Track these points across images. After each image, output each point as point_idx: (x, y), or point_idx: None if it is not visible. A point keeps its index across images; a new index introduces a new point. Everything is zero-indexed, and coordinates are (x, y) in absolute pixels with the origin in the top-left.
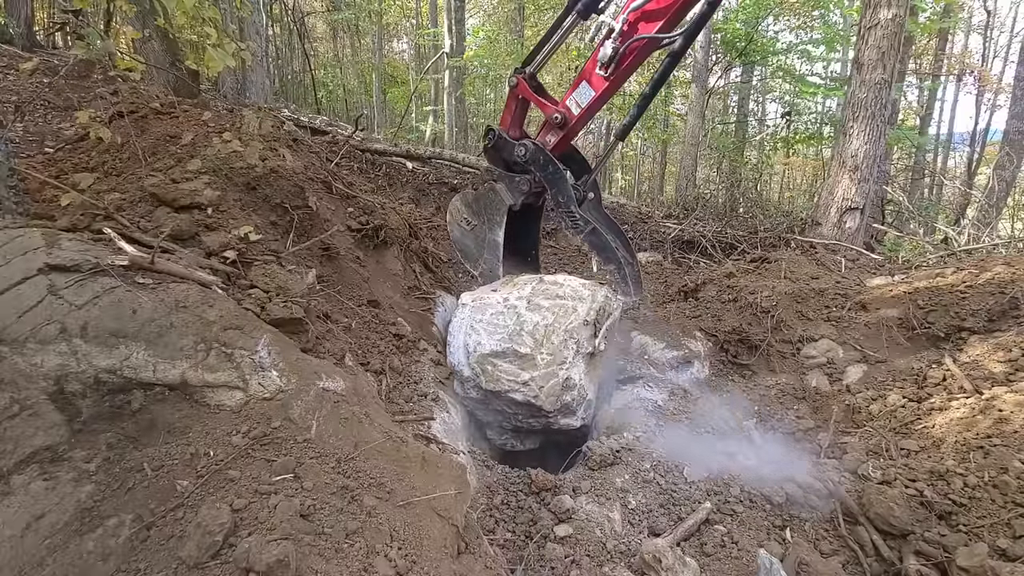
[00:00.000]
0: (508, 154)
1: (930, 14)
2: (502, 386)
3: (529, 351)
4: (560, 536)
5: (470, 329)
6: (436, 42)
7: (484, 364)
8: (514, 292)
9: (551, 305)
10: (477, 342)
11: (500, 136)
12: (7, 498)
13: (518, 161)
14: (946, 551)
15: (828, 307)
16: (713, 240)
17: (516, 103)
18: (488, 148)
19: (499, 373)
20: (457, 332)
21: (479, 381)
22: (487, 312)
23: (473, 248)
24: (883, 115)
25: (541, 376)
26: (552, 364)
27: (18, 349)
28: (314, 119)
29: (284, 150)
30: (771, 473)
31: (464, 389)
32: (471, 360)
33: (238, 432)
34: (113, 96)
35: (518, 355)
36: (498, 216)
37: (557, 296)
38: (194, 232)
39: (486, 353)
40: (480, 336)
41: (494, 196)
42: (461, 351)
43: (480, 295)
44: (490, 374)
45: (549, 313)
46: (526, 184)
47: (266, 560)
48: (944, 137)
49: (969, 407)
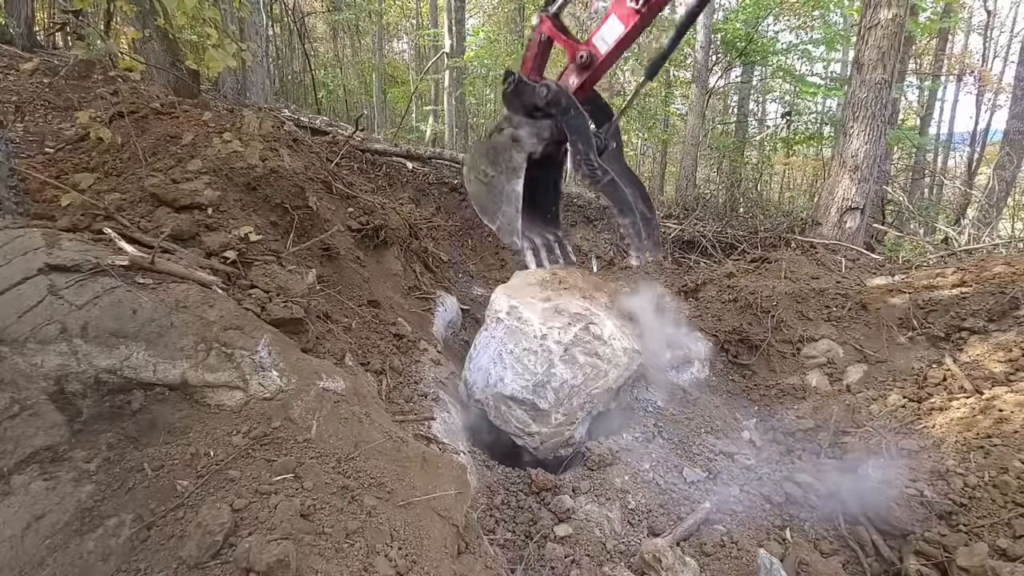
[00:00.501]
0: (528, 98)
1: (930, 14)
2: (508, 427)
3: (547, 407)
4: (560, 536)
5: (497, 357)
6: (436, 42)
7: (499, 403)
8: (555, 325)
9: (585, 363)
10: (500, 378)
11: (520, 79)
12: (7, 498)
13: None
14: (946, 551)
15: (828, 307)
16: (713, 240)
17: (538, 45)
18: (507, 93)
19: (510, 416)
20: (484, 350)
21: (487, 410)
22: (520, 343)
23: (490, 201)
24: (883, 115)
25: (549, 433)
26: (563, 424)
27: (18, 349)
28: (314, 119)
29: (284, 150)
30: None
31: (467, 397)
32: (487, 392)
33: (238, 432)
34: (113, 96)
35: (536, 408)
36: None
37: (595, 354)
38: (194, 232)
39: (505, 395)
40: (505, 372)
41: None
42: (481, 375)
43: (519, 303)
44: (502, 413)
45: (580, 372)
46: (547, 130)
47: (266, 560)
48: (944, 137)
49: (969, 407)
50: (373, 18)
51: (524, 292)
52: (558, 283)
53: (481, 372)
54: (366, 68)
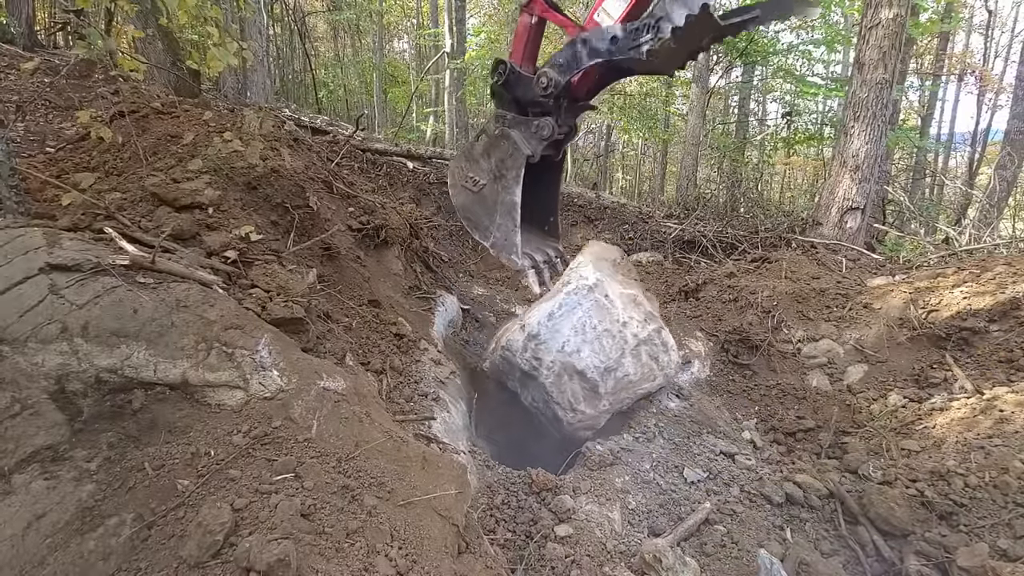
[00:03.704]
0: (523, 92)
1: (931, 14)
2: (558, 398)
3: (603, 393)
4: (560, 536)
5: (580, 328)
6: (437, 42)
7: (564, 371)
8: (635, 317)
9: (646, 363)
10: (576, 348)
11: (512, 71)
12: (8, 497)
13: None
14: (947, 551)
15: (829, 307)
16: (714, 240)
17: (529, 29)
18: (497, 87)
19: (567, 387)
20: (568, 314)
21: (542, 373)
22: (603, 322)
23: (482, 214)
24: (884, 115)
25: (590, 416)
26: (604, 412)
27: (19, 348)
28: (315, 119)
29: (285, 150)
30: None
31: (513, 352)
32: (557, 356)
33: (239, 431)
34: (114, 96)
35: (594, 391)
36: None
37: (656, 359)
38: (195, 232)
39: (576, 367)
40: (584, 346)
41: (507, 146)
42: (557, 338)
43: (603, 279)
44: (560, 382)
45: (639, 370)
46: (547, 128)
47: (267, 559)
48: (945, 137)
49: (970, 407)
50: (374, 18)
51: (604, 267)
52: (626, 271)
53: (558, 335)
54: (367, 68)
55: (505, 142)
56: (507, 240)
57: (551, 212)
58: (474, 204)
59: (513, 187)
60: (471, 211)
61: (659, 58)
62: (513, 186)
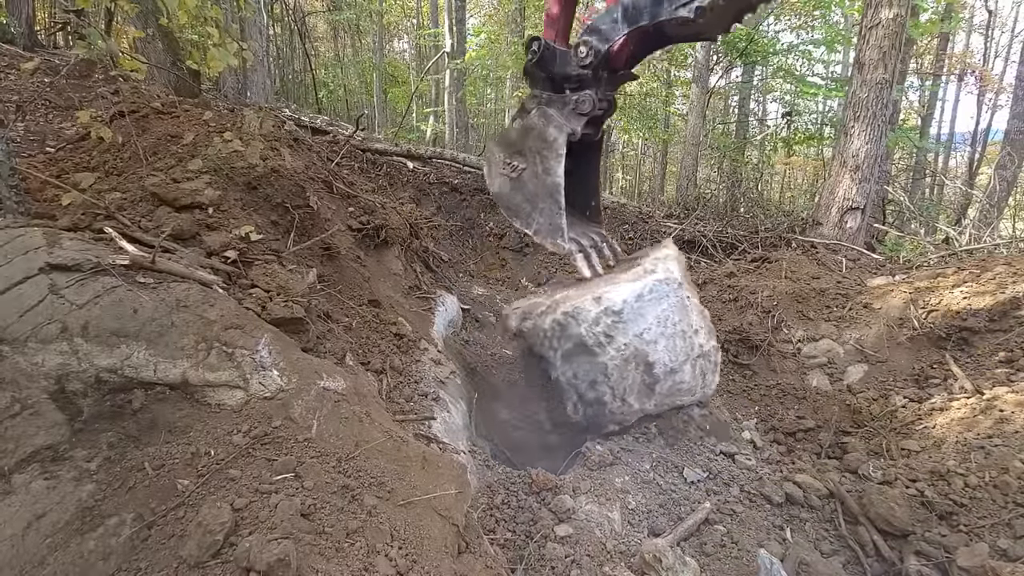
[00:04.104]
0: (561, 67)
1: (931, 14)
2: (615, 383)
3: (656, 393)
4: (560, 536)
5: (664, 320)
6: (437, 42)
7: (632, 359)
8: (703, 327)
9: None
10: (653, 340)
11: (547, 47)
12: (8, 497)
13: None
14: (947, 551)
15: (829, 307)
16: (714, 240)
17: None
18: (531, 66)
19: (628, 376)
20: (655, 302)
21: (607, 353)
22: (683, 320)
23: (522, 200)
24: (884, 115)
25: (633, 411)
26: (644, 412)
27: (19, 348)
28: (315, 119)
29: (285, 150)
30: None
31: (579, 321)
32: (630, 339)
33: (239, 431)
34: (114, 96)
35: (650, 389)
36: (554, 151)
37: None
38: (195, 232)
39: (648, 358)
40: (660, 339)
41: (546, 125)
42: (637, 321)
43: (684, 280)
44: (623, 369)
45: (690, 381)
46: (587, 102)
47: (267, 559)
48: (945, 137)
49: (970, 407)
50: (374, 18)
51: (682, 268)
52: (691, 280)
53: (641, 320)
54: (367, 68)
55: (543, 121)
56: (551, 224)
57: (592, 196)
58: (513, 190)
59: (555, 168)
60: (511, 198)
61: (708, 18)
62: (555, 167)
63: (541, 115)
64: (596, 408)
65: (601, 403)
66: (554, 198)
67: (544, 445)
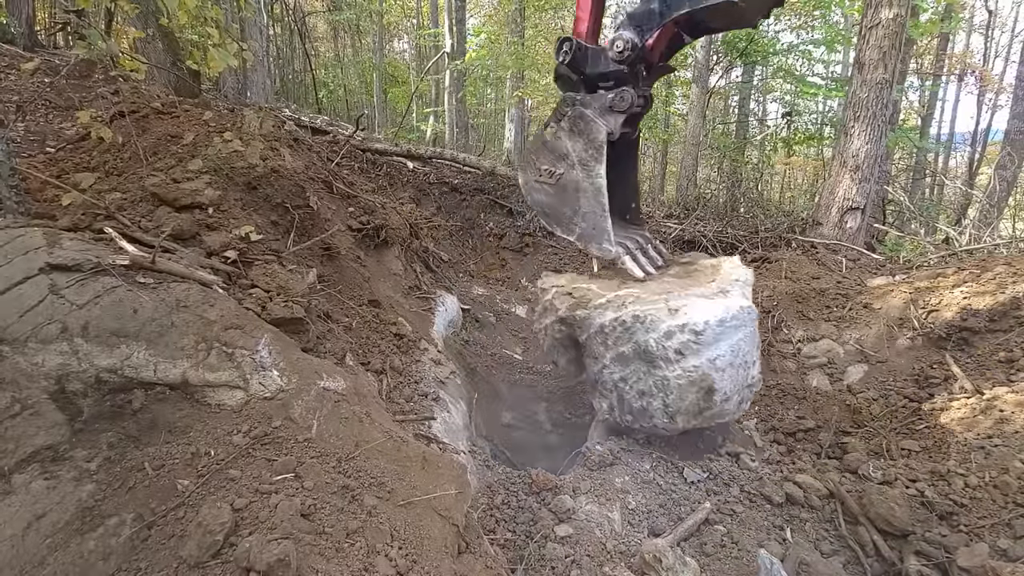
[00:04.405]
0: (594, 66)
1: (931, 14)
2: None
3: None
4: (560, 536)
5: (737, 349)
6: (437, 42)
7: (698, 382)
8: (759, 360)
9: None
10: (723, 368)
11: (579, 47)
12: (8, 497)
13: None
14: (947, 551)
15: (829, 307)
16: (714, 240)
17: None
18: (562, 68)
19: (686, 398)
20: (737, 327)
21: (674, 371)
22: (749, 352)
23: (562, 206)
24: (884, 115)
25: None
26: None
27: (19, 348)
28: (315, 119)
29: (285, 150)
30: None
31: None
32: (702, 362)
33: (239, 431)
34: (114, 96)
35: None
36: (593, 151)
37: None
38: (195, 232)
39: (713, 385)
40: (728, 368)
41: (583, 126)
42: (715, 345)
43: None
44: (685, 390)
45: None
46: (626, 98)
47: (267, 559)
48: (945, 137)
49: (970, 407)
50: (374, 18)
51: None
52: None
53: (718, 345)
54: (367, 68)
55: (581, 122)
56: (595, 228)
57: (632, 197)
58: (552, 197)
59: (596, 169)
60: (549, 205)
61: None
62: (596, 167)
63: (578, 117)
64: (638, 416)
65: (646, 414)
66: (597, 200)
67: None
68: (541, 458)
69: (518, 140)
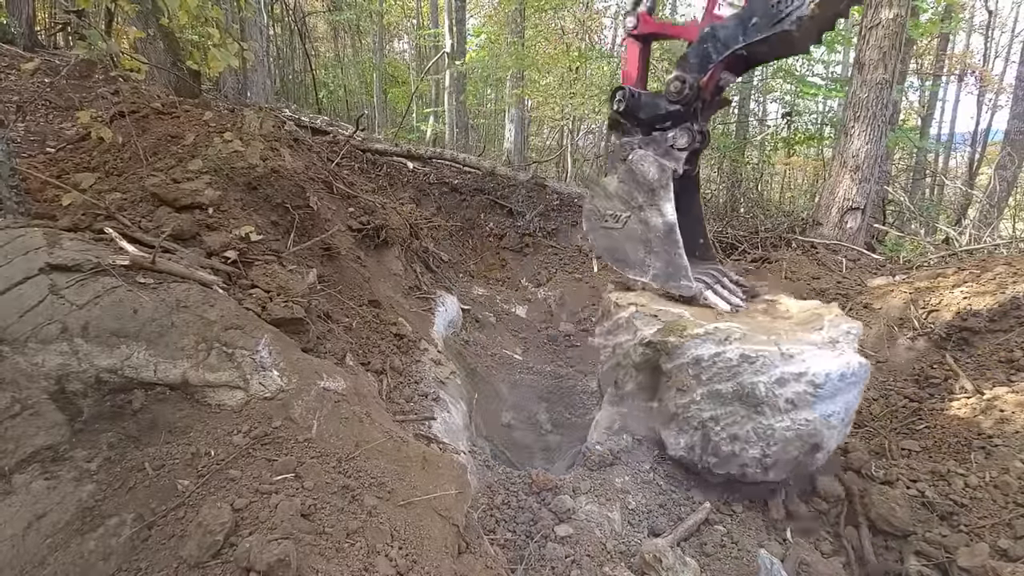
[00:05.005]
0: (649, 110)
1: (931, 14)
2: (773, 450)
3: (796, 469)
4: (560, 536)
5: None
6: (437, 42)
7: (806, 437)
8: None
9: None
10: (835, 425)
11: (633, 94)
12: (9, 497)
13: (665, 114)
14: (947, 551)
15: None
16: (714, 240)
17: (639, 48)
18: (616, 115)
19: (791, 452)
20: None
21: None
22: (852, 411)
23: (632, 249)
24: (884, 115)
25: (764, 480)
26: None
27: (19, 349)
28: (315, 119)
29: (285, 150)
30: None
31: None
32: (814, 417)
33: (239, 432)
34: (114, 96)
35: (795, 467)
36: (661, 191)
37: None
38: (195, 232)
39: (821, 442)
40: (839, 426)
41: (646, 169)
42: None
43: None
44: (790, 444)
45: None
46: (685, 136)
47: (267, 559)
48: (945, 137)
49: (970, 407)
50: (374, 18)
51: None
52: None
53: (833, 402)
54: (367, 68)
55: (643, 164)
56: (670, 266)
57: (699, 233)
58: (620, 241)
59: (666, 208)
60: (618, 250)
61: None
62: (665, 207)
63: (640, 160)
64: (724, 461)
65: (735, 460)
66: (670, 239)
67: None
68: (541, 458)
69: (518, 140)
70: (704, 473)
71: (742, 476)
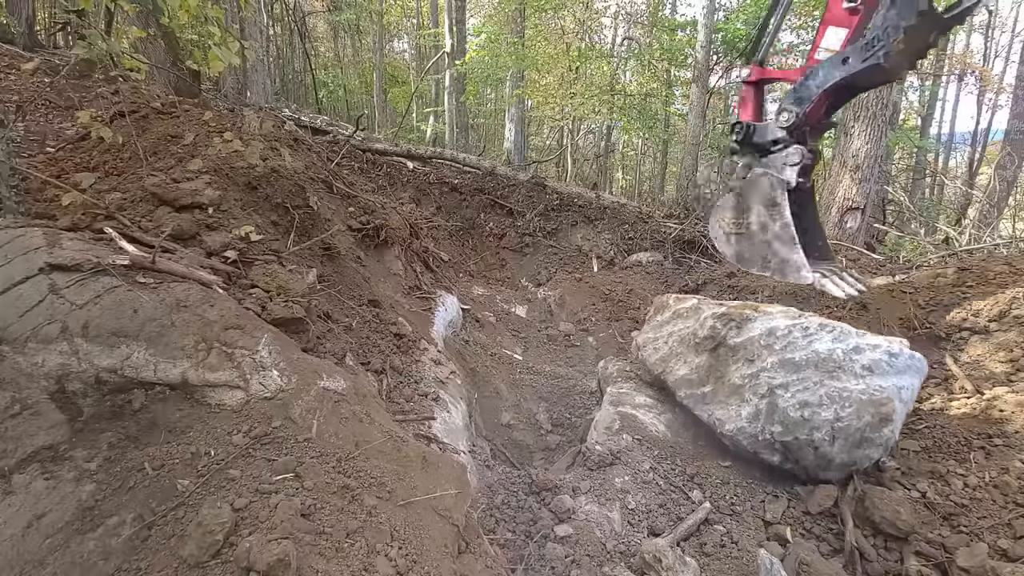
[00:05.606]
0: (762, 137)
1: None
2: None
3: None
4: (560, 536)
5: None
6: (437, 42)
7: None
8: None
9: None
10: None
11: (749, 126)
12: (9, 497)
13: (777, 138)
14: (947, 551)
15: (828, 307)
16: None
17: (754, 92)
18: (737, 144)
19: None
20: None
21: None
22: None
23: (756, 249)
24: (884, 115)
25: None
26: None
27: (19, 348)
28: (315, 119)
29: (285, 150)
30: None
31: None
32: (880, 388)
33: (239, 431)
34: (114, 96)
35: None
36: (777, 200)
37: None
38: (195, 232)
39: (890, 412)
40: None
41: (766, 182)
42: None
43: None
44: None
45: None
46: (797, 154)
47: (267, 559)
48: (945, 137)
49: (970, 407)
50: (374, 18)
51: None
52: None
53: (907, 375)
54: (367, 68)
55: (763, 179)
56: (789, 259)
57: (818, 236)
58: (745, 245)
59: (782, 210)
60: (744, 251)
61: (895, 60)
62: (782, 210)
63: (760, 175)
64: (791, 428)
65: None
66: (787, 234)
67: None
68: (541, 458)
69: (518, 140)
70: (762, 449)
71: (800, 449)
